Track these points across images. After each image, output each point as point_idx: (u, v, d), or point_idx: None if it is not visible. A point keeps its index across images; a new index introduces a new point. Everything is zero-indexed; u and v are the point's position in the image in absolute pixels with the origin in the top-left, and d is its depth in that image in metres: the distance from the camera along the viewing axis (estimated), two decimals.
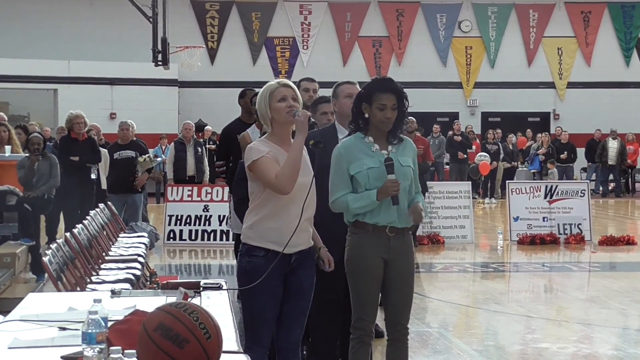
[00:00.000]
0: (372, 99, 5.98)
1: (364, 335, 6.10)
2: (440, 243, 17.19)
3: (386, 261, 6.05)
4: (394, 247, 6.04)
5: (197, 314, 3.65)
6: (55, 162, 13.83)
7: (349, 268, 6.09)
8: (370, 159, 5.98)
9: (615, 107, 33.55)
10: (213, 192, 17.35)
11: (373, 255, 6.02)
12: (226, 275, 13.75)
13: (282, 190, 5.59)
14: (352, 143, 6.07)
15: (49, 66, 29.86)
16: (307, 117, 5.66)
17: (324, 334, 7.12)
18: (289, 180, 5.57)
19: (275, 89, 5.74)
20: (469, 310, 11.49)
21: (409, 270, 6.16)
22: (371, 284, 6.05)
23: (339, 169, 6.02)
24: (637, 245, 17.29)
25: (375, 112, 5.97)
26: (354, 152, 6.01)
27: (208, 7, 33.17)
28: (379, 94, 5.97)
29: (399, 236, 6.05)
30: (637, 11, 34.51)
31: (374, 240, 6.01)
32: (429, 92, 33.01)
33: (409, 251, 6.15)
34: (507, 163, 29.54)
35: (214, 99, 31.35)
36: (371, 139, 6.04)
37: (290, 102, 5.71)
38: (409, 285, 6.16)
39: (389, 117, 5.96)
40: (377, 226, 6.00)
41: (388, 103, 5.95)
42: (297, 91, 5.82)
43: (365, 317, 6.09)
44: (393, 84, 6.05)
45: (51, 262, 7.57)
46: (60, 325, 4.60)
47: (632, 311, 11.24)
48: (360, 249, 6.04)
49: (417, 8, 33.88)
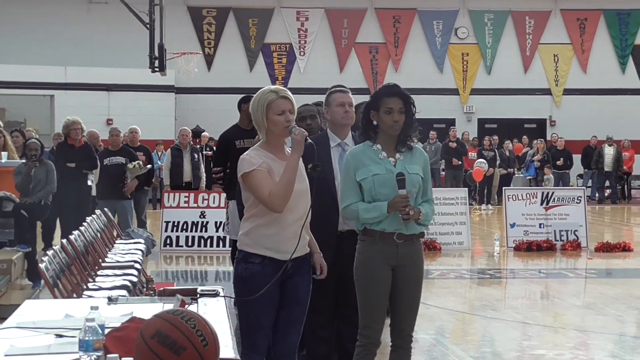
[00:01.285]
0: (379, 105, 6.01)
1: (369, 343, 6.09)
2: (437, 249, 17.17)
3: (394, 268, 6.05)
4: (402, 254, 6.02)
5: (194, 321, 3.65)
6: (52, 168, 13.82)
7: (358, 275, 6.08)
8: (376, 165, 6.00)
9: (611, 113, 33.61)
10: (210, 199, 17.31)
11: (381, 262, 6.01)
12: (223, 282, 13.72)
13: (275, 209, 5.60)
14: (361, 150, 6.09)
15: (45, 72, 29.86)
16: (304, 136, 5.65)
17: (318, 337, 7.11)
18: (282, 200, 5.58)
19: (274, 101, 5.72)
20: (465, 317, 11.48)
21: (417, 278, 6.14)
22: (379, 291, 6.04)
23: (347, 177, 6.05)
24: (633, 251, 17.29)
25: (383, 117, 6.00)
26: (361, 159, 6.03)
27: (205, 13, 33.19)
28: (386, 98, 6.01)
29: (407, 243, 6.04)
30: (632, 18, 34.56)
31: (382, 247, 6.00)
32: (425, 98, 32.92)
33: (418, 258, 6.13)
34: (503, 169, 29.55)
35: (211, 105, 31.37)
36: (379, 147, 6.05)
37: (288, 116, 5.71)
38: (416, 293, 6.15)
39: (396, 120, 5.98)
40: (385, 233, 6.00)
41: (395, 106, 5.98)
42: (294, 103, 5.82)
43: (372, 324, 6.07)
44: (399, 88, 6.10)
45: (47, 269, 7.55)
46: (57, 332, 4.60)
47: (628, 318, 11.24)
48: (369, 256, 6.03)
49: (413, 15, 33.93)
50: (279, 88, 5.87)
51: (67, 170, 14.57)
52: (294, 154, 5.64)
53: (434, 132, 29.21)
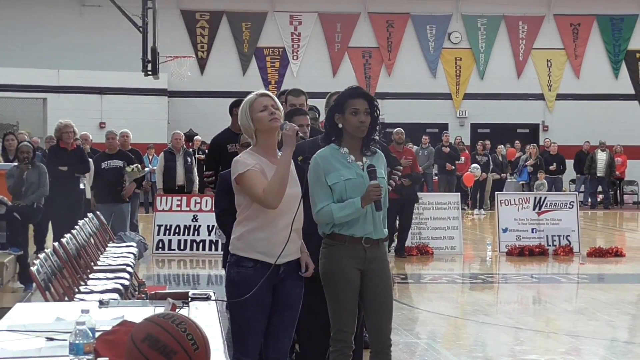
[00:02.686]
0: (344, 107, 6.02)
1: (344, 347, 6.08)
2: (429, 254, 17.19)
3: (362, 272, 6.06)
4: (370, 258, 6.04)
5: (184, 325, 3.65)
6: (44, 171, 13.82)
7: (326, 280, 6.07)
8: (347, 170, 6.00)
9: (603, 119, 33.66)
10: (202, 202, 17.31)
11: (349, 266, 6.01)
12: (215, 286, 13.73)
13: (270, 205, 5.60)
14: (329, 153, 6.07)
15: (38, 75, 29.81)
16: (295, 131, 5.66)
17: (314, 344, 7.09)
18: (276, 195, 5.57)
19: (255, 100, 5.76)
20: (457, 322, 11.48)
21: (386, 281, 6.15)
22: (349, 294, 6.04)
23: (318, 179, 6.01)
24: (625, 257, 17.32)
25: (349, 118, 6.01)
26: (331, 162, 6.01)
27: (198, 17, 33.18)
28: (351, 100, 6.03)
29: (374, 247, 6.06)
30: (625, 24, 34.62)
31: (350, 251, 6.01)
32: (418, 103, 33.11)
33: (384, 261, 6.16)
34: (496, 174, 29.57)
35: (204, 109, 31.35)
36: (346, 150, 6.06)
37: (271, 109, 5.72)
38: (387, 296, 6.14)
39: (363, 120, 5.99)
40: (353, 238, 6.00)
41: (361, 107, 6.00)
42: (277, 100, 5.82)
43: (345, 328, 6.07)
44: (363, 90, 6.18)
45: (39, 272, 7.55)
46: (48, 335, 4.58)
47: (620, 323, 11.25)
48: (337, 260, 6.02)
49: (407, 19, 33.94)
50: (260, 91, 5.89)
51: (60, 174, 14.54)
52: (286, 149, 5.64)
53: (427, 136, 29.22)
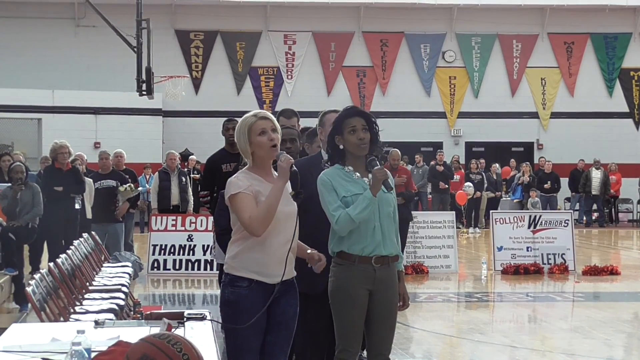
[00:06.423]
0: (342, 127, 6.06)
1: None
2: (424, 273, 17.18)
3: (371, 292, 6.07)
4: (379, 278, 6.06)
5: (180, 345, 3.65)
6: (37, 191, 13.81)
7: (334, 299, 6.09)
8: (354, 185, 6.04)
9: (598, 137, 33.70)
10: (197, 222, 17.30)
11: (358, 286, 6.03)
12: (210, 305, 13.69)
13: (253, 233, 5.59)
14: (334, 172, 6.11)
15: (33, 95, 29.82)
16: (290, 164, 5.63)
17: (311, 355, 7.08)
18: (261, 223, 5.56)
19: (254, 123, 5.72)
20: (452, 340, 11.47)
21: (394, 301, 6.18)
22: (356, 315, 6.05)
23: (328, 192, 6.03)
24: (620, 275, 17.31)
25: (348, 137, 6.04)
26: (338, 179, 6.06)
27: (192, 36, 33.22)
28: (347, 119, 6.08)
29: (384, 267, 6.07)
30: (619, 42, 34.71)
31: (360, 272, 6.02)
32: (413, 121, 33.13)
33: (393, 282, 6.17)
34: (491, 193, 29.59)
35: (199, 129, 31.36)
36: (351, 168, 6.10)
37: (270, 134, 5.70)
38: (393, 316, 6.18)
39: (362, 137, 6.02)
40: (363, 257, 6.00)
41: (357, 124, 6.04)
42: (276, 122, 5.82)
43: (349, 348, 6.08)
44: (358, 108, 6.23)
45: (35, 292, 7.54)
46: (44, 356, 4.58)
47: (615, 341, 11.25)
48: (346, 280, 6.04)
49: (401, 38, 34.01)
50: (259, 111, 5.87)
51: (55, 194, 14.53)
52: (279, 181, 5.63)
53: (419, 155, 29.24)
